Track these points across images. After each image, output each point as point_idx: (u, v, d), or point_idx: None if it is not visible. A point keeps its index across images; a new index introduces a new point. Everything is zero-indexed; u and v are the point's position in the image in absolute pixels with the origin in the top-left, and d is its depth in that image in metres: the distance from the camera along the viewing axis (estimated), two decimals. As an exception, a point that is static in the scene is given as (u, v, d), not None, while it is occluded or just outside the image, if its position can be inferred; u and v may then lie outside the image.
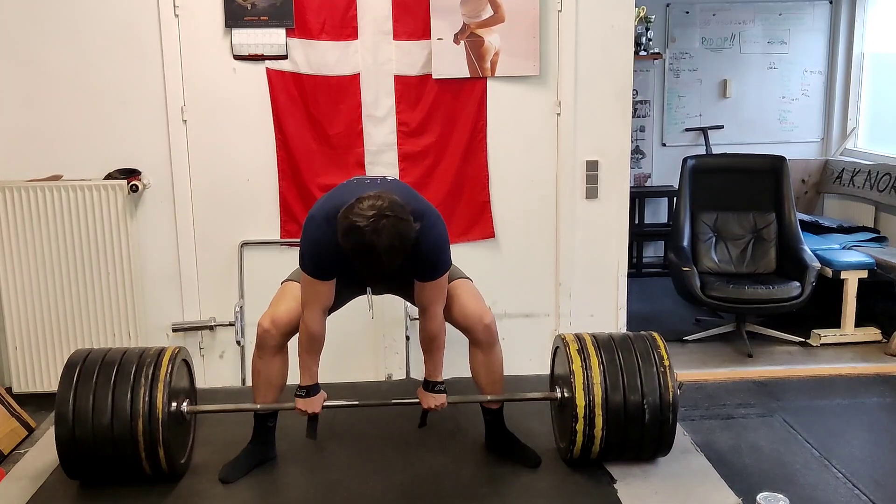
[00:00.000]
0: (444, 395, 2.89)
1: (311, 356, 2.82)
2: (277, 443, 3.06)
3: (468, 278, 2.99)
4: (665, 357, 2.91)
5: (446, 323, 2.88)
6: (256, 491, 2.89)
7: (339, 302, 2.93)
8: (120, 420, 2.72)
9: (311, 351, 2.82)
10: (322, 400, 2.89)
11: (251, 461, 2.97)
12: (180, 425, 2.91)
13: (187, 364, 3.04)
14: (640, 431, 2.85)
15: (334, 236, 2.49)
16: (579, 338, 2.99)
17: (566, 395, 2.92)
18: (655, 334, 3.02)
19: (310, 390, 2.85)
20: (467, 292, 2.91)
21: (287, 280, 2.99)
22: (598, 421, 2.81)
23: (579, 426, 2.82)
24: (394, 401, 3.12)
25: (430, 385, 2.89)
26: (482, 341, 2.92)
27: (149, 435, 2.72)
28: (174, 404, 2.84)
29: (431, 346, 2.85)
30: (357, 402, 3.14)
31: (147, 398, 2.74)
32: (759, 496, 2.63)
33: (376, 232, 2.37)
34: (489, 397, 3.00)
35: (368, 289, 3.00)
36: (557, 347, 3.08)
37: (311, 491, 2.88)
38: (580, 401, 2.82)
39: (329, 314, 2.88)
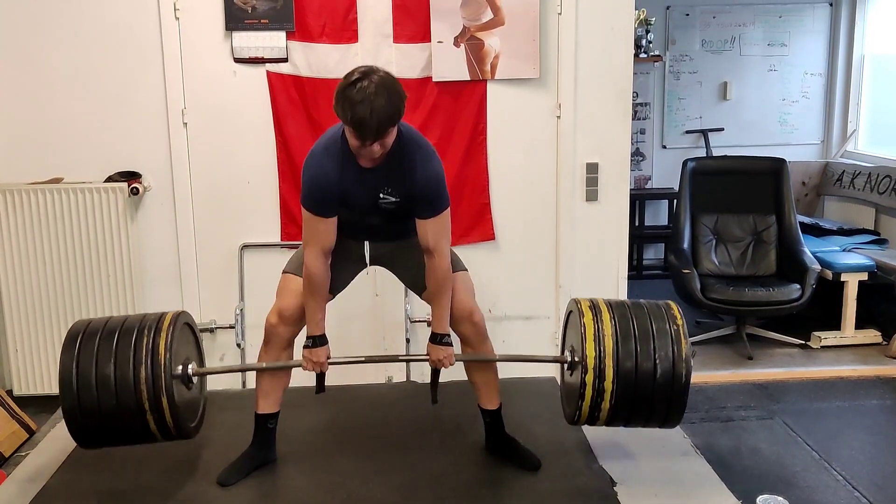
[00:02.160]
0: (451, 347, 2.84)
1: (315, 301, 2.81)
2: (277, 445, 3.06)
3: (464, 269, 2.97)
4: (679, 318, 2.81)
5: None
6: (256, 493, 2.88)
7: (341, 277, 2.93)
8: (124, 387, 2.66)
9: (314, 295, 2.80)
10: (327, 353, 2.86)
11: (251, 464, 2.97)
12: (188, 388, 2.87)
13: (191, 327, 2.98)
14: (651, 393, 2.73)
15: (332, 166, 2.61)
16: (593, 301, 2.90)
17: (576, 358, 2.84)
18: (670, 302, 2.93)
19: (316, 340, 2.83)
20: (460, 285, 2.90)
21: (286, 272, 2.98)
22: (609, 375, 2.70)
23: (588, 380, 2.71)
24: (401, 357, 3.07)
25: (436, 337, 2.83)
26: (471, 338, 2.92)
27: (154, 400, 2.67)
28: (179, 367, 2.79)
29: (440, 289, 2.79)
30: (363, 358, 3.10)
31: (150, 363, 2.68)
32: (759, 499, 2.64)
33: (367, 78, 2.46)
34: (497, 357, 2.95)
35: (367, 247, 2.95)
36: (571, 311, 2.97)
37: (312, 493, 2.88)
38: (590, 355, 2.71)
39: (331, 296, 2.90)
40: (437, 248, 2.74)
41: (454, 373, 3.08)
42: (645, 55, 6.14)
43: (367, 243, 2.94)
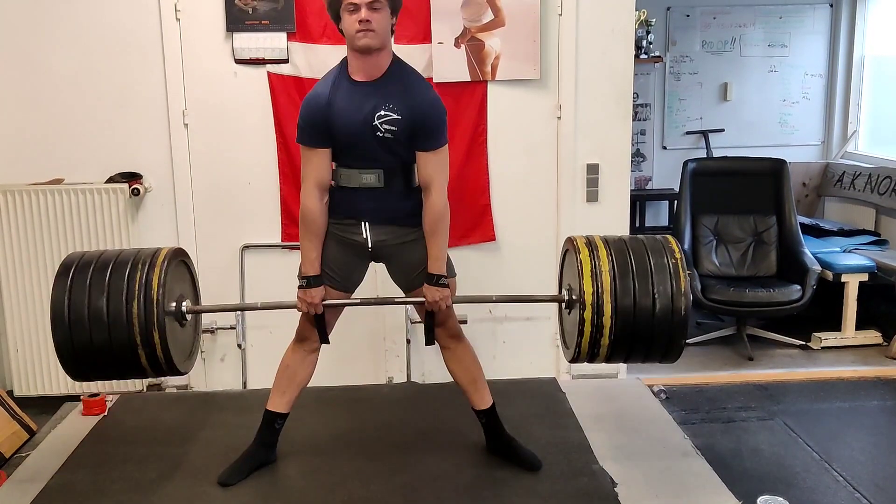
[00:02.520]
0: (448, 288, 2.82)
1: (310, 239, 2.80)
2: (278, 445, 3.06)
3: (453, 275, 2.95)
4: (676, 251, 2.76)
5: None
6: (257, 494, 2.88)
7: (353, 277, 2.94)
8: (116, 320, 2.65)
9: (309, 232, 2.79)
10: (321, 295, 2.83)
11: (252, 464, 2.97)
12: (181, 325, 2.86)
13: (186, 265, 2.97)
14: (650, 325, 2.69)
15: (324, 88, 2.70)
16: (589, 237, 2.85)
17: (573, 296, 2.80)
18: (668, 236, 2.89)
19: (310, 281, 2.81)
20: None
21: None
22: (607, 311, 2.66)
23: (587, 317, 2.67)
24: (397, 299, 3.05)
25: (432, 278, 2.79)
26: (447, 342, 2.94)
27: (145, 334, 2.65)
28: (173, 304, 2.78)
29: (436, 227, 2.76)
30: (358, 301, 3.07)
31: (142, 299, 2.66)
32: (760, 499, 2.64)
33: None
34: (494, 297, 2.95)
35: (365, 228, 2.87)
36: (567, 249, 2.94)
37: (313, 494, 2.88)
38: (588, 291, 2.67)
39: (348, 294, 2.91)
40: (435, 183, 2.75)
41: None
42: (645, 56, 6.14)
43: (365, 224, 2.84)
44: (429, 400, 3.63)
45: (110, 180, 3.95)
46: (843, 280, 4.97)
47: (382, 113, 2.68)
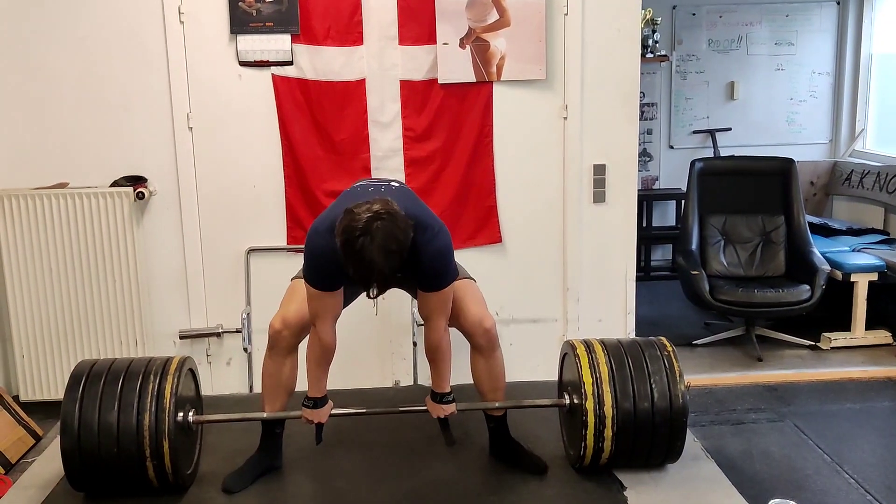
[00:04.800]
0: (453, 405, 2.86)
1: (321, 368, 2.80)
2: (284, 451, 3.05)
3: (472, 279, 2.96)
4: (675, 362, 2.88)
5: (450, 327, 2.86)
6: (263, 500, 2.87)
7: (344, 302, 2.91)
8: (126, 432, 2.70)
9: (321, 362, 2.79)
10: (329, 410, 2.87)
11: (257, 470, 2.95)
12: (186, 436, 2.89)
13: (193, 373, 3.02)
14: (650, 438, 2.82)
15: (337, 249, 2.49)
16: (588, 343, 2.97)
17: (575, 401, 2.90)
18: (664, 339, 2.99)
19: (317, 402, 2.83)
20: (469, 294, 2.88)
21: (296, 277, 2.96)
22: (608, 428, 2.79)
23: (589, 433, 2.80)
24: (401, 408, 3.11)
25: (437, 396, 2.85)
26: (482, 346, 2.90)
27: (155, 447, 2.70)
28: (181, 415, 2.82)
29: (435, 356, 2.81)
30: (364, 410, 3.12)
31: (154, 409, 2.72)
32: (771, 502, 2.61)
33: (369, 234, 2.33)
34: (497, 404, 2.97)
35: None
36: (566, 354, 3.06)
37: (319, 500, 2.87)
38: (590, 407, 2.79)
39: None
40: (433, 320, 2.73)
41: (460, 376, 3.06)
42: (651, 55, 6.11)
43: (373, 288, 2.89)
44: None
45: (115, 184, 3.94)
46: (852, 280, 4.94)
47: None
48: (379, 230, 2.33)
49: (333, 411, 2.89)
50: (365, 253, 2.34)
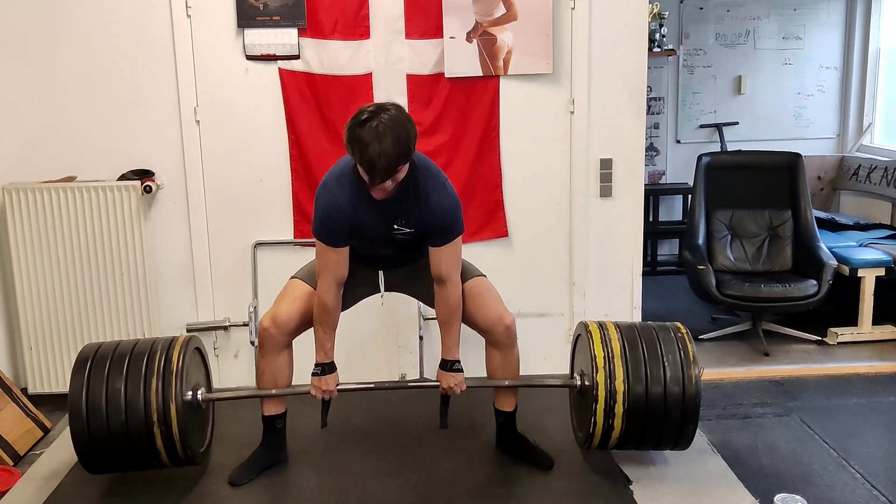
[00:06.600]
0: (462, 374, 2.85)
1: (325, 331, 2.81)
2: (289, 444, 3.06)
3: (483, 275, 2.97)
4: (689, 345, 2.83)
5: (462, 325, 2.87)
6: (269, 493, 2.89)
7: (352, 297, 2.93)
8: (134, 413, 2.69)
9: (324, 324, 2.80)
10: (336, 381, 2.87)
11: (262, 463, 2.97)
12: (197, 413, 2.89)
13: (200, 352, 3.01)
14: (662, 421, 2.78)
15: (345, 198, 2.61)
16: (601, 324, 2.94)
17: (586, 382, 2.87)
18: (679, 323, 2.95)
19: (325, 368, 2.83)
20: (485, 291, 2.89)
21: (295, 277, 2.98)
22: (619, 404, 2.75)
23: (599, 409, 2.76)
24: (410, 383, 3.10)
25: (447, 364, 2.84)
26: (501, 342, 2.90)
27: (164, 425, 2.70)
28: (189, 393, 2.81)
29: (451, 317, 2.80)
30: (372, 385, 3.11)
31: (160, 389, 2.71)
32: (777, 497, 2.61)
33: (377, 117, 2.46)
34: (507, 382, 2.96)
35: (381, 276, 2.97)
36: (579, 335, 3.03)
37: (325, 492, 2.88)
38: (601, 381, 2.76)
39: (343, 309, 2.88)
40: (450, 276, 2.75)
41: (470, 370, 3.06)
42: (658, 49, 6.10)
43: (380, 273, 2.96)
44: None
45: (122, 178, 3.95)
46: (859, 275, 4.93)
47: (396, 227, 2.71)
48: (386, 118, 2.46)
49: (341, 386, 2.88)
50: (374, 133, 2.43)
